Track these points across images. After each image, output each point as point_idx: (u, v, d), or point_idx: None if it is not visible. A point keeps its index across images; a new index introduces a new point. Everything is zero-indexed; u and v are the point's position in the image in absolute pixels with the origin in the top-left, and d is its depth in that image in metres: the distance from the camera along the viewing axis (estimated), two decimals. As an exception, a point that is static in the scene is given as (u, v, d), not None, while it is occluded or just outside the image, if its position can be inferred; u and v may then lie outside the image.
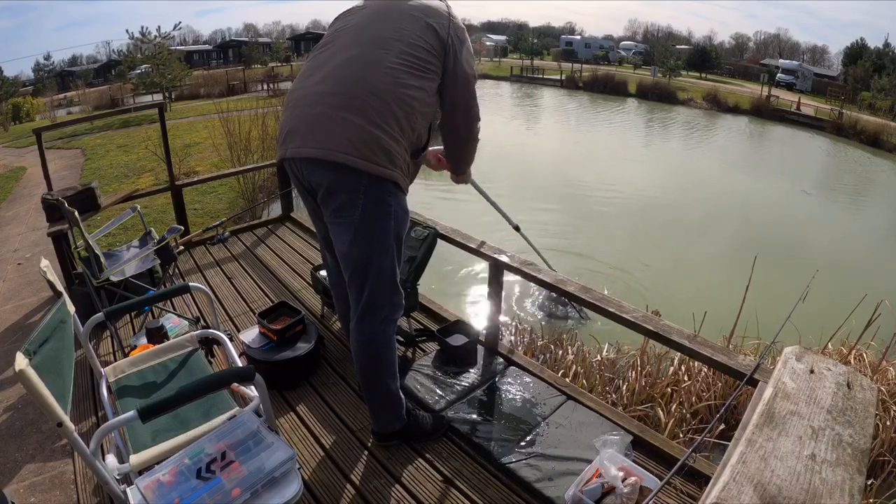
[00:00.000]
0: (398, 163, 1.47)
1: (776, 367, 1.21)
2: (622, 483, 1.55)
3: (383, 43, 1.45)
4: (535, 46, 43.25)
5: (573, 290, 1.91)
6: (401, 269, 1.67)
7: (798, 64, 35.28)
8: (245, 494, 1.07)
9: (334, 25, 1.63)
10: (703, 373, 2.75)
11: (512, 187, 8.37)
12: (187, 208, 3.98)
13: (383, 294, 1.60)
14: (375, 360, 1.67)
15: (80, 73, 34.95)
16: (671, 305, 3.98)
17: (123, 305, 1.66)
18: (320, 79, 1.47)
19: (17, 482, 1.78)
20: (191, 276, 3.29)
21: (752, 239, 6.93)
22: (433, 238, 2.33)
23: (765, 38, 60.32)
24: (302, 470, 1.69)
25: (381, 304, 1.60)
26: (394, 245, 1.56)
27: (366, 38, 1.48)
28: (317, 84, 1.47)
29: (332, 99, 1.43)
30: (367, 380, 1.71)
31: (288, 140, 1.49)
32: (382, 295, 1.60)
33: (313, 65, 1.54)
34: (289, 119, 1.52)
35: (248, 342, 2.20)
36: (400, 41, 1.45)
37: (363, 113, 1.40)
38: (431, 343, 2.46)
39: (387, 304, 1.62)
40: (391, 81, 1.42)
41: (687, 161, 12.82)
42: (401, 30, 1.47)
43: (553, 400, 2.05)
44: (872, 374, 2.79)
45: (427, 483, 1.69)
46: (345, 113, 1.40)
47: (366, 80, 1.42)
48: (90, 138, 11.56)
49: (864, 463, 0.94)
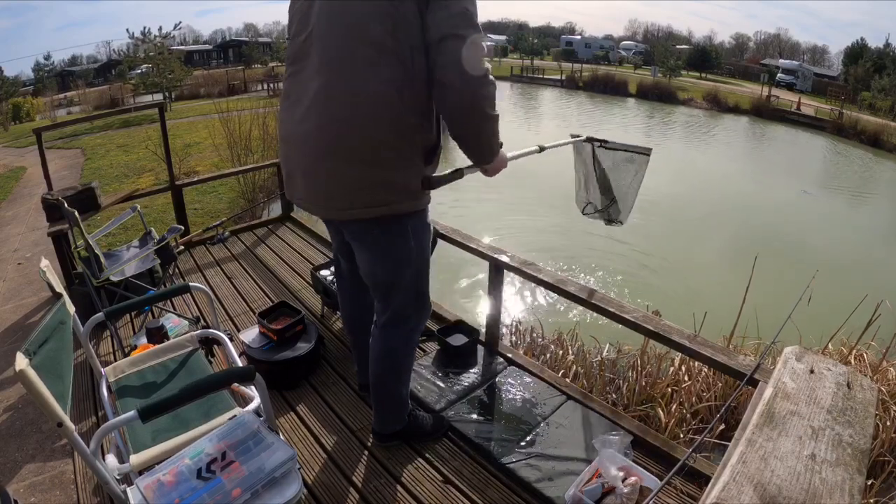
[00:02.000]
0: (407, 186, 1.35)
1: (776, 367, 1.21)
2: (622, 483, 1.55)
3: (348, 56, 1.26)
4: (535, 46, 43.23)
5: (573, 290, 1.91)
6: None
7: (798, 64, 35.30)
8: (245, 494, 1.07)
9: (294, 17, 1.39)
10: (703, 373, 2.75)
11: (511, 187, 8.37)
12: (187, 208, 3.97)
13: (408, 305, 1.59)
14: (395, 367, 1.66)
15: (80, 73, 34.94)
16: (671, 305, 3.98)
17: (123, 305, 1.66)
18: (301, 116, 1.34)
19: (18, 482, 1.78)
20: (191, 275, 3.29)
21: (752, 239, 6.94)
22: (433, 238, 2.33)
23: (765, 38, 60.35)
24: (302, 470, 1.68)
25: (407, 315, 1.60)
26: (417, 259, 1.51)
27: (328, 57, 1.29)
28: (300, 123, 1.35)
29: (318, 145, 1.32)
30: (382, 385, 1.69)
31: (290, 184, 1.47)
32: (408, 306, 1.59)
33: (291, 89, 1.39)
34: (283, 158, 1.47)
35: (248, 342, 2.20)
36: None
37: (351, 154, 1.29)
38: (431, 343, 2.46)
39: (412, 314, 1.61)
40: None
41: (687, 161, 12.81)
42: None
43: (553, 400, 2.05)
44: (872, 375, 2.79)
45: (427, 483, 1.69)
46: (333, 164, 1.30)
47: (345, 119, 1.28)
48: (90, 138, 11.55)
49: (864, 463, 0.94)
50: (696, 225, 7.70)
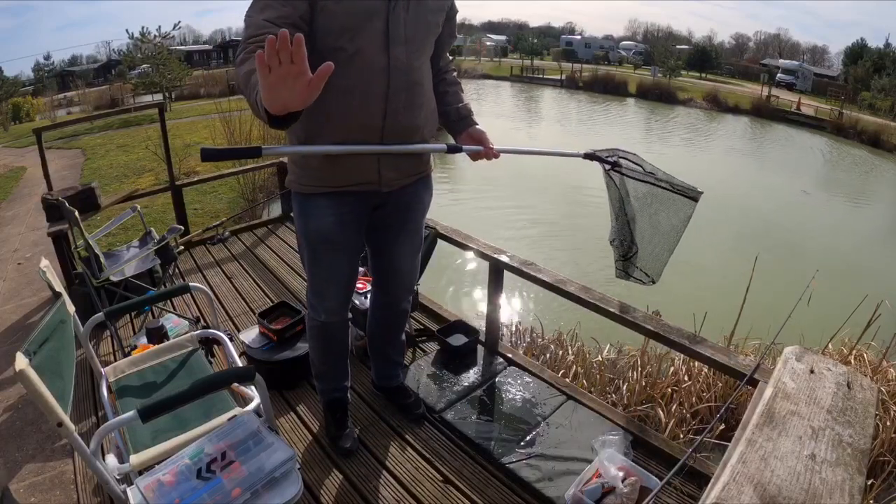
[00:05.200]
0: (292, 169, 1.46)
1: (776, 367, 1.21)
2: (622, 483, 1.55)
3: None
4: (535, 46, 43.18)
5: (573, 290, 1.91)
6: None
7: (798, 64, 35.27)
8: (245, 494, 1.07)
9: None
10: (703, 373, 2.75)
11: (511, 186, 8.39)
12: (187, 208, 3.97)
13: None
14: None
15: (80, 73, 34.90)
16: (671, 305, 3.98)
17: (123, 305, 1.67)
18: None
19: (17, 482, 1.78)
20: (191, 276, 3.29)
21: (752, 239, 6.94)
22: (433, 238, 2.33)
23: (765, 38, 60.31)
24: (302, 470, 1.68)
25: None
26: (304, 244, 1.54)
27: None
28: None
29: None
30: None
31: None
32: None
33: None
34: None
35: (248, 342, 2.20)
36: None
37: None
38: (431, 343, 2.46)
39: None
40: None
41: (687, 161, 12.81)
42: None
43: (553, 400, 2.05)
44: (873, 375, 2.78)
45: (427, 483, 1.69)
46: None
47: None
48: (90, 138, 11.56)
49: (864, 463, 0.94)
50: (697, 225, 7.68)
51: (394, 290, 1.78)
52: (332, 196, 1.43)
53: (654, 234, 1.64)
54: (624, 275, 1.77)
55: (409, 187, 1.53)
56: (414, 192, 1.56)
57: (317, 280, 1.61)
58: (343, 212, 1.45)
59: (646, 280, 1.71)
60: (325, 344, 1.76)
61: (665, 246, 1.64)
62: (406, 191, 1.53)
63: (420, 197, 1.59)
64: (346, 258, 1.56)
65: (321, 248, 1.52)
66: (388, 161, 1.42)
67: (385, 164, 1.42)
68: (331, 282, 1.60)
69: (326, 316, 1.65)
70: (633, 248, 1.69)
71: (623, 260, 1.74)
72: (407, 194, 1.54)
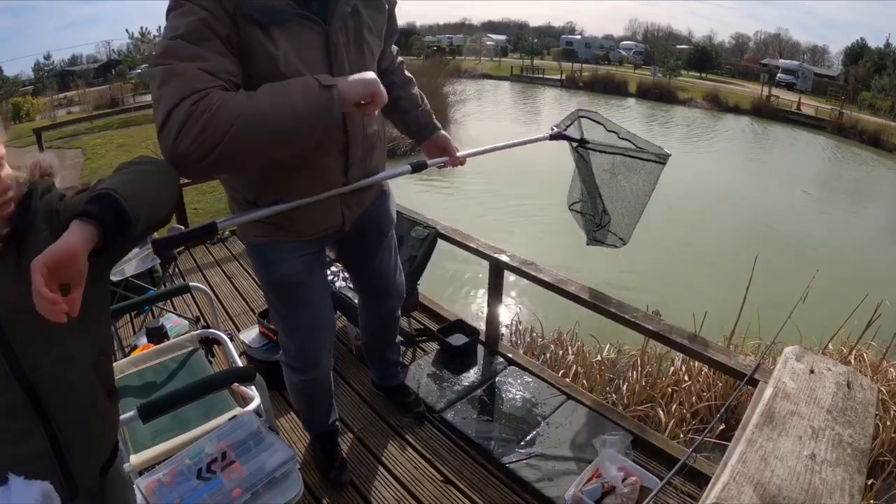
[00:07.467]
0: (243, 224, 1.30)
1: (776, 367, 1.21)
2: (622, 483, 1.56)
3: None
4: (535, 46, 43.13)
5: (573, 290, 1.91)
6: (402, 269, 1.72)
7: (798, 64, 35.23)
8: (245, 495, 1.07)
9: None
10: (703, 373, 2.75)
11: (509, 186, 8.39)
12: (187, 208, 3.97)
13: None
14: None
15: (80, 72, 34.86)
16: (671, 305, 3.98)
17: (123, 305, 1.67)
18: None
19: (18, 482, 1.78)
20: (191, 275, 3.29)
21: (752, 239, 6.94)
22: (433, 238, 2.32)
23: (765, 38, 60.19)
24: (302, 470, 1.68)
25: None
26: (273, 298, 1.43)
27: None
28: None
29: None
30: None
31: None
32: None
33: None
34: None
35: (249, 342, 2.19)
36: None
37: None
38: (432, 343, 2.46)
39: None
40: None
41: (687, 160, 12.81)
42: None
43: (553, 400, 2.05)
44: (872, 374, 2.79)
45: (427, 483, 1.69)
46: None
47: None
48: (90, 138, 11.57)
49: (864, 463, 0.94)
50: (696, 224, 7.70)
51: (385, 300, 1.74)
52: (294, 241, 1.32)
53: (624, 199, 1.67)
54: (596, 242, 1.80)
55: (372, 204, 1.46)
56: (379, 204, 1.49)
57: (297, 333, 1.47)
58: (308, 252, 1.35)
59: (618, 244, 1.74)
60: (312, 399, 1.66)
61: (636, 209, 1.67)
62: (370, 209, 1.45)
63: (385, 207, 1.53)
64: (322, 299, 1.47)
65: (294, 295, 1.39)
66: (351, 200, 1.33)
67: (348, 205, 1.34)
68: (314, 329, 1.47)
69: (314, 372, 1.53)
70: (605, 217, 1.73)
71: (597, 229, 1.77)
72: (374, 212, 1.47)
